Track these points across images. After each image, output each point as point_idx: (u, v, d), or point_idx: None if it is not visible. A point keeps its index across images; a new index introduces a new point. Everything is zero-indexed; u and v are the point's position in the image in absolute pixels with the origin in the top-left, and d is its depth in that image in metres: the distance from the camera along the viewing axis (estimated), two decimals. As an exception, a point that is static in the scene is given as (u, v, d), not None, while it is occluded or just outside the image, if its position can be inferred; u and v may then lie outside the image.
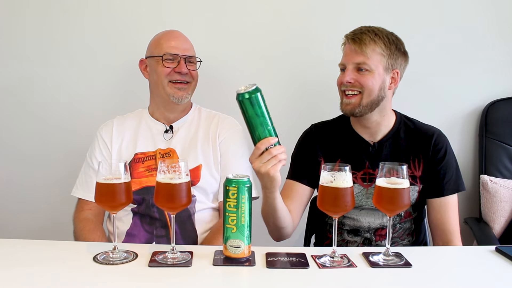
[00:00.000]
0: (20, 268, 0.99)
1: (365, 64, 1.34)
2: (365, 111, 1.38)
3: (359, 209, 1.42)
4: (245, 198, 1.02)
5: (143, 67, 1.54)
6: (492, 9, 1.92)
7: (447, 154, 1.41)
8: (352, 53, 1.37)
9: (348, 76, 1.36)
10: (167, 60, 1.45)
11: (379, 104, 1.38)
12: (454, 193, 1.41)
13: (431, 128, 1.45)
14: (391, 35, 1.38)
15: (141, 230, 1.42)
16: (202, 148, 1.48)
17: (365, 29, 1.37)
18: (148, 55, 1.52)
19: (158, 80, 1.47)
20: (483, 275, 1.03)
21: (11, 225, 2.03)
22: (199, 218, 1.44)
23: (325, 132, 1.50)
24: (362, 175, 1.42)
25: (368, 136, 1.45)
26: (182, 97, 1.47)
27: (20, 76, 1.97)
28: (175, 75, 1.46)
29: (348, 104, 1.39)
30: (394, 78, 1.39)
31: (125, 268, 1.01)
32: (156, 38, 1.52)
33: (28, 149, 2.01)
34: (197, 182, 1.44)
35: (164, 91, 1.46)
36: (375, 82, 1.35)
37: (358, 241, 1.45)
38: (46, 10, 1.92)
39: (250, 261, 1.04)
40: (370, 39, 1.34)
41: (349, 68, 1.37)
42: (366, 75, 1.35)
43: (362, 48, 1.34)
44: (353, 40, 1.36)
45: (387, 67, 1.36)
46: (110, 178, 1.04)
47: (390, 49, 1.36)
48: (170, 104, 1.50)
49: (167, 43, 1.47)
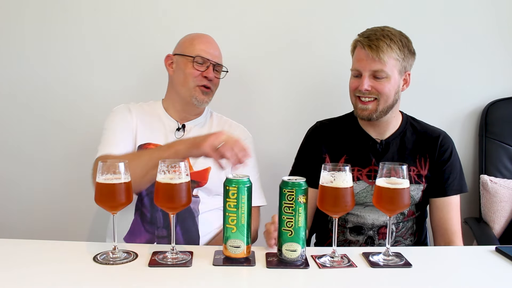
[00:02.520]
0: (20, 268, 0.99)
1: (382, 71, 1.33)
2: (381, 115, 1.39)
3: (363, 205, 1.43)
4: (245, 198, 1.02)
5: (169, 62, 1.53)
6: (492, 9, 1.92)
7: (452, 155, 1.43)
8: (368, 60, 1.33)
9: (366, 84, 1.34)
10: (197, 62, 1.46)
11: (393, 106, 1.40)
12: (457, 193, 1.43)
13: (437, 130, 1.48)
14: (403, 37, 1.37)
15: (142, 229, 1.42)
16: None
17: (379, 34, 1.33)
18: (177, 52, 1.51)
19: (184, 80, 1.47)
20: (483, 275, 1.03)
21: (11, 225, 2.03)
22: (202, 219, 1.44)
23: (331, 129, 1.51)
24: (368, 172, 1.43)
25: (375, 134, 1.46)
26: (204, 101, 1.49)
27: (20, 76, 1.97)
28: (202, 80, 1.47)
29: (365, 110, 1.38)
30: (406, 80, 1.41)
31: (125, 268, 1.01)
32: (189, 38, 1.52)
33: (28, 149, 2.01)
34: (204, 184, 1.44)
35: (188, 92, 1.47)
36: (391, 88, 1.35)
37: (360, 241, 1.45)
38: (46, 10, 1.92)
39: (250, 261, 1.04)
40: (387, 46, 1.31)
41: (365, 75, 1.35)
42: (383, 82, 1.34)
43: (380, 55, 1.31)
44: (370, 47, 1.32)
45: (401, 70, 1.37)
46: (110, 178, 1.04)
47: (404, 52, 1.35)
48: (189, 105, 1.50)
49: (200, 45, 1.48)
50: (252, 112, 1.97)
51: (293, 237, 1.03)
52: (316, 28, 1.93)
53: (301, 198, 1.01)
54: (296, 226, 1.02)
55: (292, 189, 1.01)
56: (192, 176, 1.43)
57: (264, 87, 1.97)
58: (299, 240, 1.03)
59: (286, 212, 1.02)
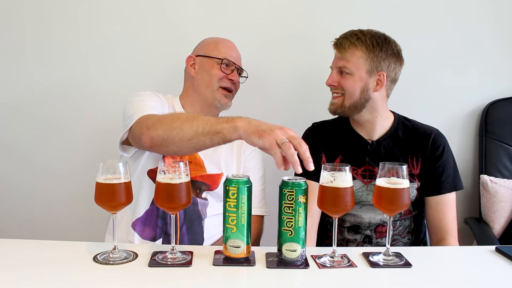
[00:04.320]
0: (20, 268, 0.99)
1: (345, 67, 1.40)
2: (348, 111, 1.43)
3: (359, 205, 1.44)
4: (245, 198, 1.02)
5: (191, 63, 1.53)
6: (492, 9, 1.92)
7: (444, 152, 1.44)
8: (335, 57, 1.45)
9: (331, 79, 1.45)
10: (224, 65, 1.48)
11: (365, 105, 1.42)
12: (451, 191, 1.43)
13: (429, 128, 1.49)
14: (377, 38, 1.39)
15: (153, 221, 1.40)
16: (225, 158, 1.50)
17: (348, 34, 1.42)
18: (201, 53, 1.52)
19: (209, 81, 1.48)
20: (483, 275, 1.03)
21: (11, 226, 2.03)
22: (209, 223, 1.44)
23: (326, 130, 1.53)
24: (363, 172, 1.44)
25: (366, 135, 1.47)
26: (227, 104, 1.52)
27: (19, 76, 1.97)
28: (226, 82, 1.49)
29: (332, 104, 1.46)
30: (380, 80, 1.41)
31: (125, 268, 1.01)
32: (213, 41, 1.54)
33: (28, 149, 2.01)
34: (215, 188, 1.45)
35: (212, 94, 1.49)
36: (355, 85, 1.39)
37: (358, 239, 1.46)
38: (46, 9, 1.92)
39: (250, 261, 1.04)
40: (350, 43, 1.39)
41: (333, 71, 1.45)
42: (347, 78, 1.41)
43: (342, 52, 1.40)
44: (335, 45, 1.43)
45: (370, 70, 1.39)
46: (110, 178, 1.04)
47: (374, 52, 1.38)
48: (210, 107, 1.51)
49: (226, 49, 1.51)
50: (252, 112, 1.96)
51: (293, 237, 1.03)
52: (316, 28, 1.93)
53: (301, 198, 1.01)
54: (296, 226, 1.02)
55: (292, 189, 1.01)
56: (204, 178, 1.44)
57: (264, 87, 1.97)
58: (299, 240, 1.03)
59: (286, 212, 1.02)
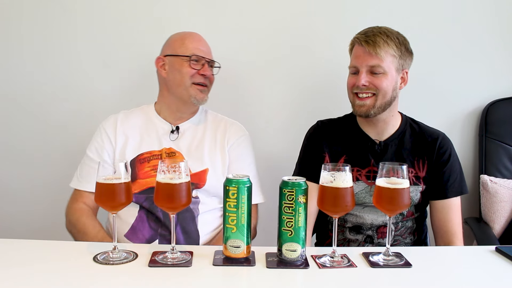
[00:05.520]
0: (20, 268, 0.99)
1: (379, 66, 1.34)
2: (378, 112, 1.39)
3: (362, 206, 1.43)
4: (245, 198, 1.02)
5: (160, 64, 1.51)
6: (492, 9, 1.92)
7: (451, 157, 1.43)
8: (365, 55, 1.36)
9: (363, 79, 1.36)
10: (193, 61, 1.46)
11: (391, 104, 1.40)
12: (457, 195, 1.42)
13: (436, 131, 1.47)
14: (400, 36, 1.38)
15: (146, 225, 1.41)
16: (209, 152, 1.48)
17: (376, 31, 1.36)
18: (169, 53, 1.49)
19: (181, 80, 1.46)
20: (483, 275, 1.03)
21: (11, 226, 2.03)
22: (202, 220, 1.44)
23: (331, 129, 1.51)
24: (367, 173, 1.43)
25: (374, 135, 1.46)
26: (203, 99, 1.49)
27: (19, 77, 1.97)
28: (199, 77, 1.47)
29: (362, 106, 1.38)
30: (404, 78, 1.41)
31: (125, 268, 1.01)
32: (178, 38, 1.50)
33: (28, 150, 2.01)
34: (203, 186, 1.44)
35: (186, 91, 1.46)
36: (389, 84, 1.36)
37: (359, 239, 1.45)
38: (45, 10, 1.92)
39: (250, 261, 1.04)
40: (383, 41, 1.33)
41: (362, 71, 1.36)
42: (380, 77, 1.35)
43: (376, 50, 1.33)
44: (367, 43, 1.34)
45: (398, 67, 1.37)
46: (110, 178, 1.03)
47: (401, 49, 1.36)
48: (186, 105, 1.50)
49: (193, 44, 1.47)
50: (252, 112, 1.97)
51: (293, 237, 1.03)
52: (316, 29, 1.92)
53: (301, 198, 1.01)
54: (296, 226, 1.02)
55: (292, 189, 1.01)
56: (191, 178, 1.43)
57: (264, 88, 1.97)
58: (299, 240, 1.03)
59: (286, 212, 1.02)
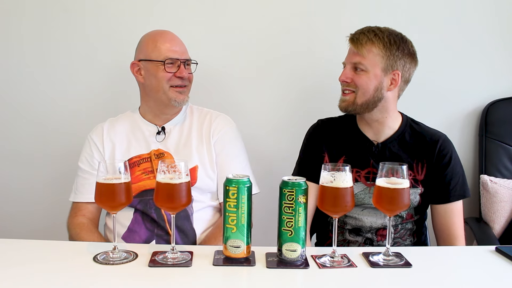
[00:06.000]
0: (20, 268, 0.99)
1: (360, 64, 1.36)
2: (360, 110, 1.39)
3: (361, 208, 1.42)
4: (245, 198, 1.02)
5: (136, 70, 1.47)
6: (492, 9, 1.92)
7: (452, 160, 1.40)
8: (350, 53, 1.40)
9: (344, 75, 1.40)
10: (168, 64, 1.42)
11: (377, 104, 1.38)
12: (459, 199, 1.41)
13: (437, 133, 1.44)
14: (394, 36, 1.36)
15: (142, 227, 1.42)
16: (197, 149, 1.47)
17: (366, 30, 1.38)
18: (142, 58, 1.45)
19: (158, 85, 1.43)
20: (483, 275, 1.03)
21: (11, 226, 2.03)
22: (197, 217, 1.44)
23: (331, 128, 1.51)
24: (366, 174, 1.42)
25: (372, 136, 1.45)
26: (184, 100, 1.47)
27: (19, 77, 1.97)
28: (176, 80, 1.44)
29: (343, 101, 1.42)
30: (395, 80, 1.37)
31: (125, 268, 1.01)
32: (150, 40, 1.45)
33: (27, 151, 2.01)
34: (194, 183, 1.43)
35: (165, 95, 1.44)
36: (369, 83, 1.36)
37: (359, 241, 1.45)
38: (43, 12, 1.92)
39: (250, 261, 1.04)
40: (367, 39, 1.35)
41: (347, 67, 1.40)
42: (361, 75, 1.37)
43: (358, 48, 1.35)
44: (351, 40, 1.38)
45: (385, 68, 1.36)
46: (110, 178, 1.04)
47: (390, 50, 1.35)
48: (168, 107, 1.48)
49: (164, 46, 1.43)
50: (252, 112, 1.97)
51: (293, 237, 1.03)
52: (316, 29, 1.92)
53: (301, 198, 1.01)
54: (296, 226, 1.02)
55: (292, 189, 1.01)
56: None
57: (263, 88, 1.97)
58: (299, 240, 1.03)
59: (286, 212, 1.02)
